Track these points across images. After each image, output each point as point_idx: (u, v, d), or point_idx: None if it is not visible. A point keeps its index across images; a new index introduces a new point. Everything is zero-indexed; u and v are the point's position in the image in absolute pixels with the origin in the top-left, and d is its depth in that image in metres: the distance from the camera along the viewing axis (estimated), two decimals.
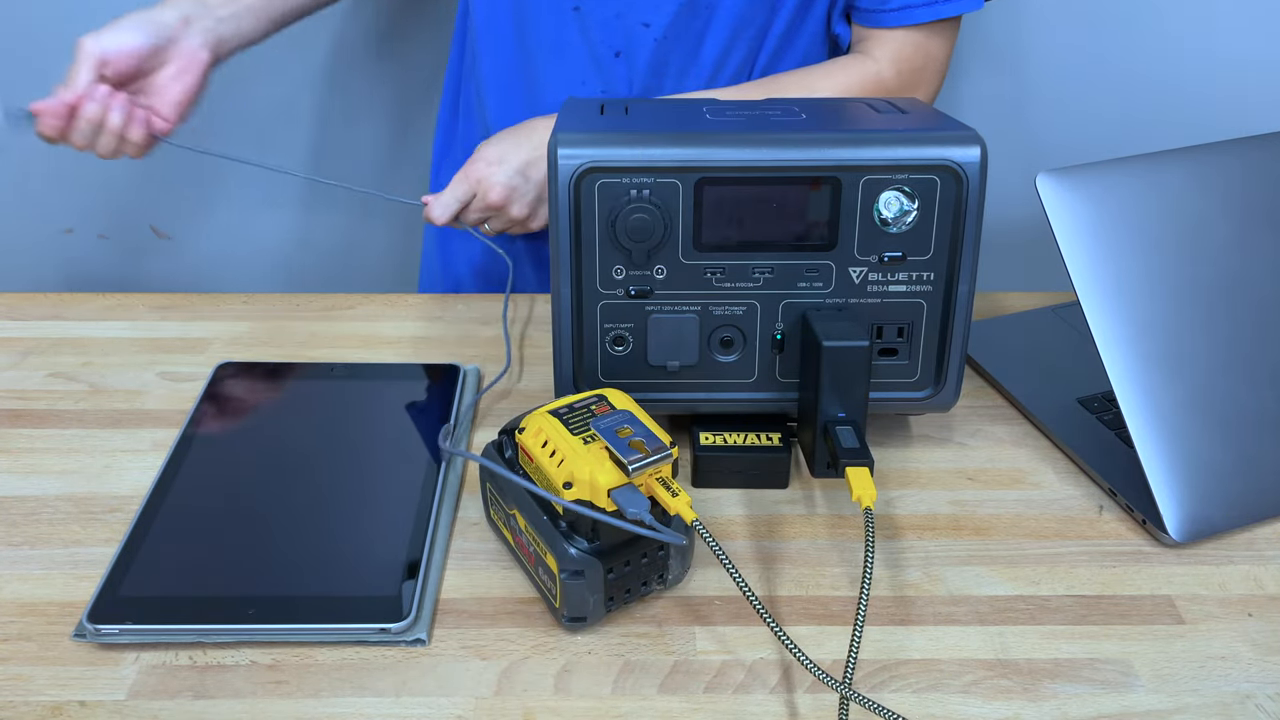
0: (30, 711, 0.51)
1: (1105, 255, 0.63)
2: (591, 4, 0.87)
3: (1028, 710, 0.52)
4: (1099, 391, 0.75)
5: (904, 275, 0.64)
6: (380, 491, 0.64)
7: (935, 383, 0.67)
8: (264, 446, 0.68)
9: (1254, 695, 0.53)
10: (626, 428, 0.55)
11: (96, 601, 0.56)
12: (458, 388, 0.75)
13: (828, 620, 0.57)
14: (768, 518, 0.65)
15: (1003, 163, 1.20)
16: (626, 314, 0.65)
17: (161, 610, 0.55)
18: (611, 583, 0.55)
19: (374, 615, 0.55)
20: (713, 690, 0.53)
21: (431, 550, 0.60)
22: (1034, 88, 1.26)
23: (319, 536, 0.60)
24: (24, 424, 0.72)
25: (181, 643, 0.54)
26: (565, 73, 0.90)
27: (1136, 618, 0.58)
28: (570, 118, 0.65)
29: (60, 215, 1.33)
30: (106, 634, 0.54)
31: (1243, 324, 0.65)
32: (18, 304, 0.87)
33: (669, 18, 0.86)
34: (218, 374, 0.76)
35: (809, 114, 0.67)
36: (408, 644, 0.55)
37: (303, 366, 0.77)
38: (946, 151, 0.61)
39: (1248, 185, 0.66)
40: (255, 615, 0.55)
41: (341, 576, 0.58)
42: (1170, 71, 1.24)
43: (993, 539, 0.63)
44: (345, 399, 0.73)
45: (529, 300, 0.89)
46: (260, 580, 0.57)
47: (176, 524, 0.61)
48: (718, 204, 0.62)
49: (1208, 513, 0.62)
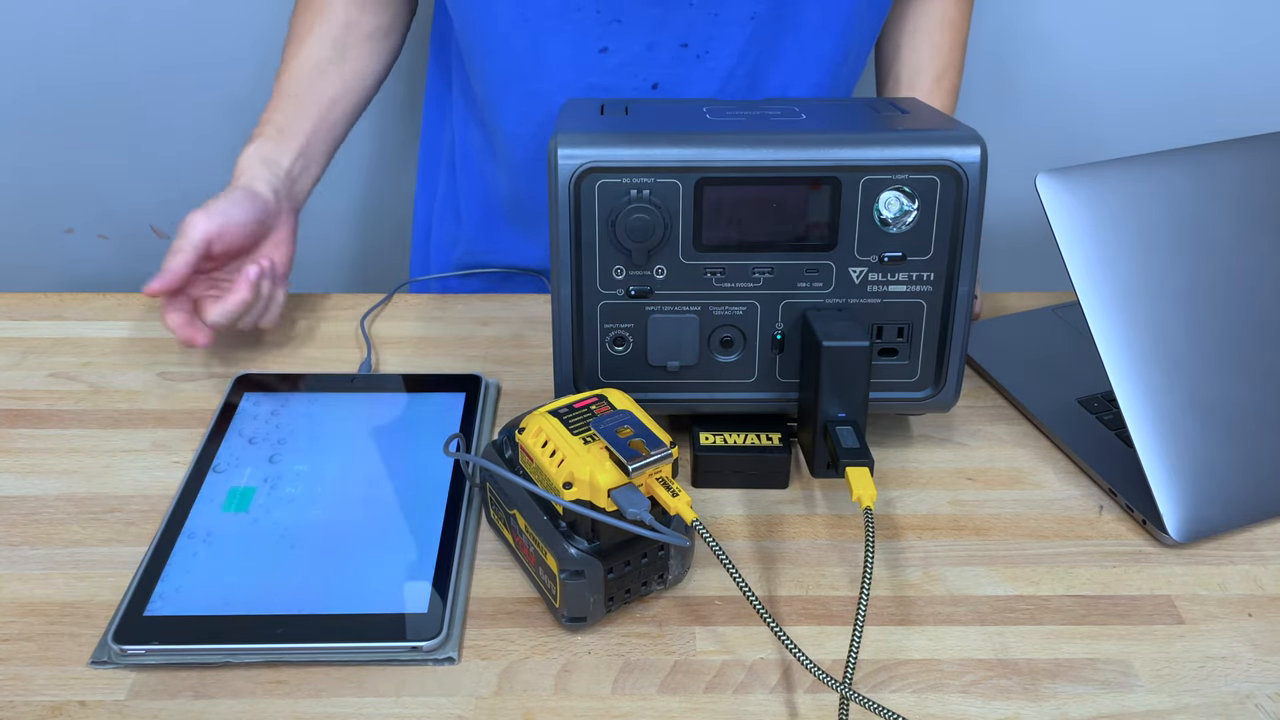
0: (30, 711, 0.51)
1: (1105, 255, 0.63)
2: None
3: (1028, 710, 0.52)
4: (1099, 391, 0.75)
5: (904, 275, 0.64)
6: (406, 505, 0.63)
7: (935, 383, 0.67)
8: (287, 461, 0.67)
9: (1254, 695, 0.53)
10: (626, 428, 0.55)
11: (121, 622, 0.55)
12: (480, 399, 0.74)
13: (828, 620, 0.57)
14: (768, 518, 0.65)
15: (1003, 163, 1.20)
16: (626, 314, 0.65)
17: (188, 630, 0.54)
18: (611, 583, 0.55)
19: (405, 633, 0.54)
20: (713, 690, 0.53)
21: (460, 565, 0.60)
22: (1034, 88, 1.26)
23: (346, 552, 0.60)
24: (24, 424, 0.72)
25: (210, 664, 0.54)
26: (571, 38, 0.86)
27: (1136, 618, 0.58)
28: (570, 118, 0.66)
29: (60, 215, 1.33)
30: (133, 655, 0.53)
31: (1243, 324, 0.65)
32: (18, 304, 0.87)
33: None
34: (237, 385, 0.75)
35: (809, 114, 0.67)
36: (437, 662, 0.54)
37: (322, 377, 0.76)
38: (946, 151, 0.61)
39: (1248, 185, 0.66)
40: (284, 634, 0.54)
41: (370, 593, 0.57)
42: (1170, 71, 1.24)
43: (993, 539, 0.63)
44: (367, 410, 0.72)
45: (529, 300, 0.89)
46: (288, 598, 0.56)
47: (199, 542, 0.60)
48: (718, 204, 0.62)
49: (1208, 513, 0.62)
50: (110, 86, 1.24)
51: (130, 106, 1.25)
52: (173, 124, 1.27)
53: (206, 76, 1.24)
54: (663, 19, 0.83)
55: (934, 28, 0.96)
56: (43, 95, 1.24)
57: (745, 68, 0.86)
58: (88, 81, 1.23)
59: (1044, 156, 1.29)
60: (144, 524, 0.63)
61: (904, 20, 0.96)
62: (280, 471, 0.66)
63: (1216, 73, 1.24)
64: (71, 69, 1.22)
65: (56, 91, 1.24)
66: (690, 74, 0.86)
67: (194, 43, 1.22)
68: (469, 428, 0.71)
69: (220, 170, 1.30)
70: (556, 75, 0.86)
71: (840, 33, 0.87)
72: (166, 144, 1.28)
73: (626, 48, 0.84)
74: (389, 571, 0.58)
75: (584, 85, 0.86)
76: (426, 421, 0.71)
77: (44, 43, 1.21)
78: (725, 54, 0.85)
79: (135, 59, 1.22)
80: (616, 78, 0.86)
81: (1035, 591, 0.59)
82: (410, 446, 0.68)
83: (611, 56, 0.85)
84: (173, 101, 1.25)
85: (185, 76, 1.24)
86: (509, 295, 0.90)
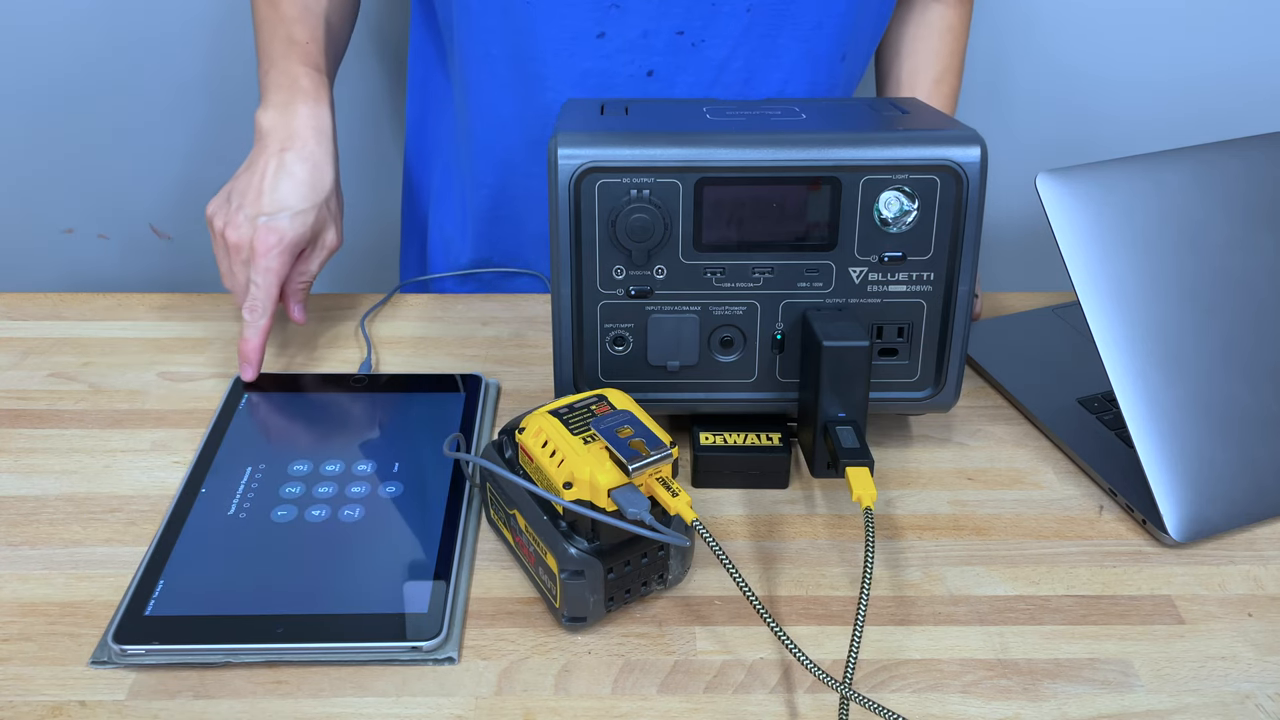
0: (30, 711, 0.51)
1: (1105, 255, 0.63)
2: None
3: (1028, 710, 0.52)
4: (1099, 391, 0.75)
5: (904, 275, 0.64)
6: (406, 505, 0.63)
7: (935, 383, 0.67)
8: (287, 460, 0.67)
9: (1254, 695, 0.53)
10: (626, 428, 0.55)
11: (121, 622, 0.55)
12: (480, 399, 0.74)
13: (828, 620, 0.57)
14: (768, 518, 0.65)
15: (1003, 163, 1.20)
16: (626, 314, 0.65)
17: (188, 630, 0.54)
18: (611, 583, 0.55)
19: (405, 633, 0.54)
20: (713, 690, 0.53)
21: (460, 565, 0.59)
22: (1034, 88, 1.26)
23: (346, 552, 0.60)
24: (24, 424, 0.72)
25: (210, 664, 0.54)
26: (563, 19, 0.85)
27: (1136, 618, 0.58)
28: (570, 118, 0.66)
29: (60, 215, 1.33)
30: (133, 655, 0.53)
31: (1243, 324, 0.65)
32: (18, 304, 0.87)
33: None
34: (237, 385, 0.74)
35: (809, 114, 0.67)
36: (437, 662, 0.54)
37: (322, 377, 0.76)
38: (946, 151, 0.61)
39: (1248, 185, 0.66)
40: (284, 634, 0.54)
41: (370, 593, 0.57)
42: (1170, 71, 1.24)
43: (993, 539, 0.63)
44: (367, 410, 0.72)
45: (529, 300, 0.89)
46: (288, 598, 0.56)
47: (200, 541, 0.60)
48: (718, 204, 0.62)
49: (1208, 513, 0.62)
50: (110, 86, 1.24)
51: (130, 106, 1.25)
52: (173, 124, 1.27)
53: (207, 77, 1.24)
54: (661, 5, 0.83)
55: (933, 33, 0.96)
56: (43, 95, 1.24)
57: (740, 60, 0.86)
58: (88, 81, 1.23)
59: (1044, 156, 1.29)
60: (144, 524, 0.63)
61: (904, 26, 0.97)
62: (280, 471, 0.66)
63: (1217, 73, 1.24)
64: (71, 68, 1.22)
65: (56, 91, 1.24)
66: (686, 62, 0.86)
67: (194, 43, 1.22)
68: (469, 428, 0.71)
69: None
70: (552, 59, 0.86)
71: (838, 30, 0.87)
72: (166, 144, 1.28)
73: (623, 33, 0.84)
74: (389, 571, 0.58)
75: (579, 70, 0.86)
76: (426, 421, 0.71)
77: (44, 42, 1.20)
78: (720, 44, 0.85)
79: (135, 59, 1.22)
80: (612, 63, 0.86)
81: (1035, 591, 0.59)
82: (410, 446, 0.68)
83: (608, 41, 0.85)
84: (173, 101, 1.25)
85: (185, 76, 1.23)
86: (509, 295, 0.90)
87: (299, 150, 0.77)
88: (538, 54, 0.86)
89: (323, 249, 0.79)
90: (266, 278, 0.74)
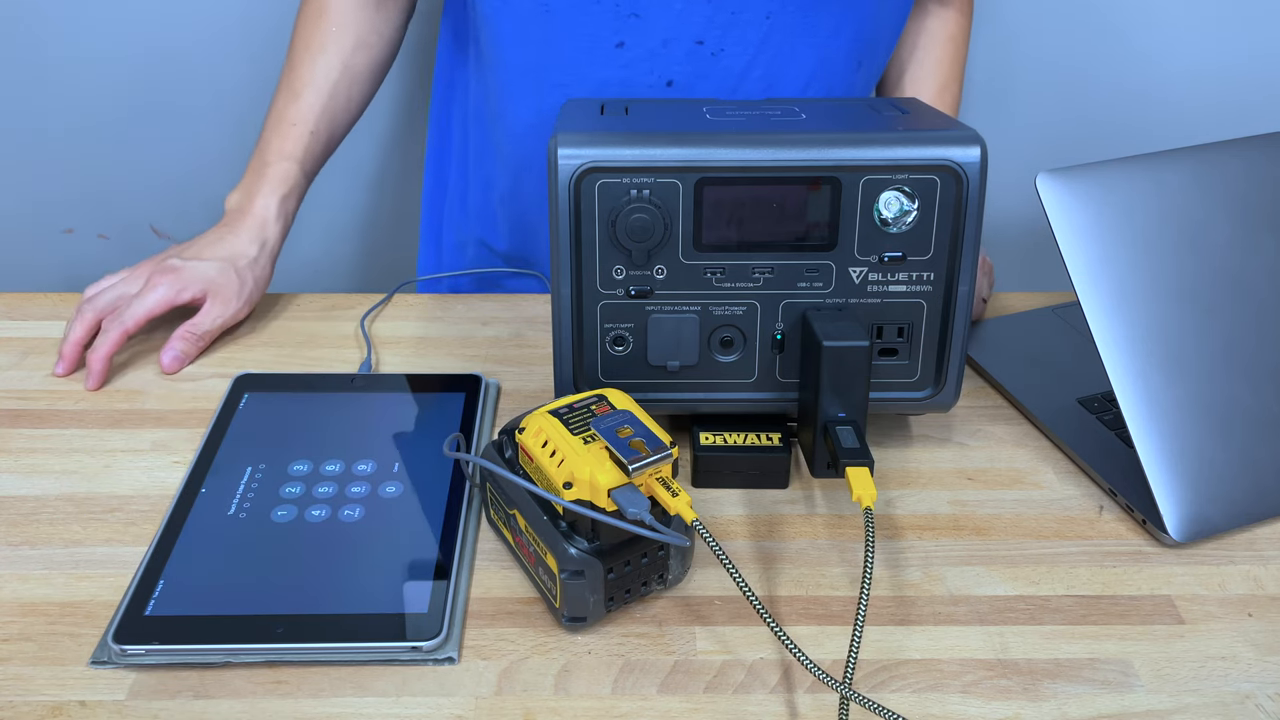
0: (30, 711, 0.51)
1: (1105, 255, 0.63)
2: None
3: (1028, 710, 0.52)
4: (1099, 391, 0.75)
5: (904, 275, 0.64)
6: (406, 505, 0.63)
7: (935, 383, 0.67)
8: (287, 460, 0.67)
9: (1254, 695, 0.53)
10: (626, 428, 0.55)
11: (121, 622, 0.55)
12: (480, 399, 0.74)
13: (828, 620, 0.57)
14: (768, 518, 0.65)
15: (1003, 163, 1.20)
16: (626, 314, 0.65)
17: (188, 630, 0.54)
18: (611, 583, 0.55)
19: (405, 633, 0.54)
20: (713, 690, 0.53)
21: (460, 565, 0.59)
22: (1033, 88, 1.26)
23: (346, 552, 0.60)
24: (24, 424, 0.72)
25: (210, 664, 0.54)
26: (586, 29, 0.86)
27: (1136, 618, 0.58)
28: (570, 118, 0.66)
29: (60, 215, 1.33)
30: (133, 655, 0.53)
31: (1243, 324, 0.65)
32: (18, 304, 0.87)
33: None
34: (237, 385, 0.74)
35: (809, 114, 0.67)
36: (437, 662, 0.54)
37: (322, 377, 0.76)
38: (946, 151, 0.61)
39: (1248, 185, 0.66)
40: (284, 634, 0.54)
41: (370, 593, 0.57)
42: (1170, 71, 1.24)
43: (993, 539, 0.63)
44: (367, 410, 0.72)
45: (529, 300, 0.89)
46: (288, 598, 0.56)
47: (200, 541, 0.60)
48: (718, 204, 0.62)
49: (1208, 513, 0.62)
50: (110, 86, 1.24)
51: (130, 107, 1.25)
52: (173, 125, 1.27)
53: (207, 77, 1.24)
54: (681, 15, 0.83)
55: (936, 43, 0.97)
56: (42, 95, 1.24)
57: (760, 69, 0.86)
58: (88, 82, 1.23)
59: (1044, 156, 1.29)
60: (144, 524, 0.63)
61: (906, 35, 0.97)
62: (280, 471, 0.66)
63: (1217, 73, 1.24)
64: (71, 69, 1.22)
65: (56, 91, 1.24)
66: (705, 71, 0.86)
67: (194, 43, 1.22)
68: (469, 428, 0.71)
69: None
70: (572, 68, 0.86)
71: (856, 37, 0.87)
72: (166, 144, 1.28)
73: (642, 43, 0.84)
74: (389, 571, 0.58)
75: (598, 79, 0.86)
76: (426, 421, 0.71)
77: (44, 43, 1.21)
78: (740, 53, 0.85)
79: (135, 59, 1.22)
80: (632, 73, 0.86)
81: (1035, 591, 0.59)
82: (410, 446, 0.68)
83: (628, 51, 0.85)
84: (173, 102, 1.25)
85: (185, 76, 1.24)
86: (509, 295, 0.90)
87: (234, 227, 0.85)
88: (557, 63, 0.86)
89: (221, 312, 0.81)
90: (145, 299, 0.79)
